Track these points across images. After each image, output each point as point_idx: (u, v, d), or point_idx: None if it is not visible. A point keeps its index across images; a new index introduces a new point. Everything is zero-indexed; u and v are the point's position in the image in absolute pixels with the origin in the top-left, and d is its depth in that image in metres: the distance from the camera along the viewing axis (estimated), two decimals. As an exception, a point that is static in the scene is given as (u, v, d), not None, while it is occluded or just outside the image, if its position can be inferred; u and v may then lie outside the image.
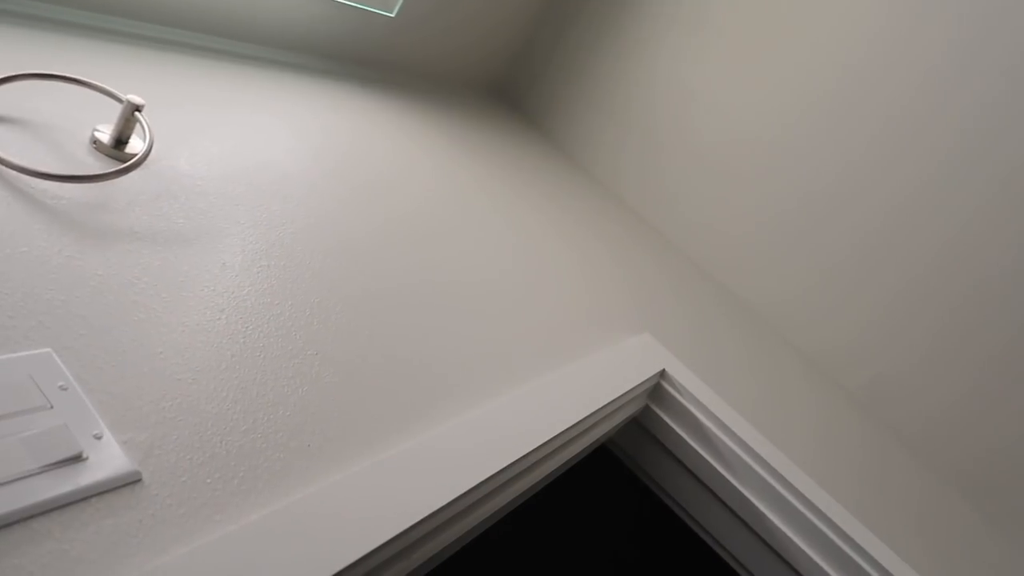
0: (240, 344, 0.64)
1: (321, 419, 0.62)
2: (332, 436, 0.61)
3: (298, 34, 1.28)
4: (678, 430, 1.12)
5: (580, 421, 0.90)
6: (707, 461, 1.10)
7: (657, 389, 1.14)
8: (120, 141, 0.76)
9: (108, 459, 0.46)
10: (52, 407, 0.47)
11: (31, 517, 0.41)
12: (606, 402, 0.96)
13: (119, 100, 0.77)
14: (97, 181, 0.68)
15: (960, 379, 1.49)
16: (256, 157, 0.93)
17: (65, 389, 0.48)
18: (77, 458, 0.45)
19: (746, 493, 1.08)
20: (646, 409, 1.14)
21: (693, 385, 1.14)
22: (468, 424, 0.75)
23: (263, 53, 1.21)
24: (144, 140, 0.76)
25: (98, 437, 0.47)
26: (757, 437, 1.11)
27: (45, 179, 0.64)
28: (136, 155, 0.74)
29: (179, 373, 0.56)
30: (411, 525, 0.58)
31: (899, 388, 1.55)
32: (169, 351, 0.58)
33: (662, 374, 1.14)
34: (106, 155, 0.75)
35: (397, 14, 1.44)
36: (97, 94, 0.82)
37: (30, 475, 0.43)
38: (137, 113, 0.75)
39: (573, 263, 1.28)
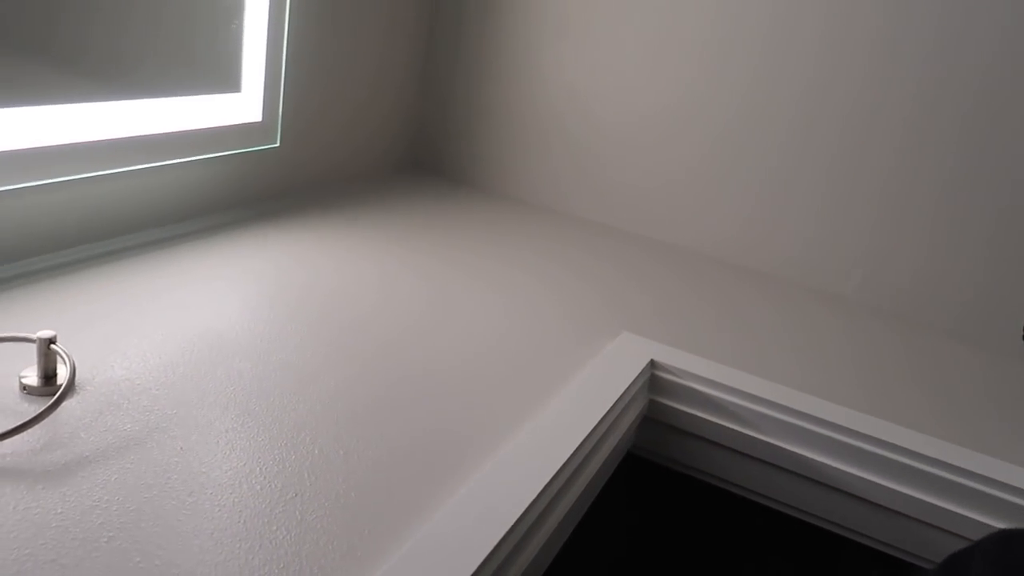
0: (220, 519, 0.64)
1: (318, 556, 0.62)
2: (334, 565, 0.61)
3: (192, 201, 1.31)
4: (688, 410, 1.12)
5: (587, 437, 0.90)
6: (726, 427, 1.09)
7: (654, 380, 1.14)
8: (48, 377, 0.78)
9: None
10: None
11: None
12: (603, 414, 0.96)
13: (31, 340, 0.79)
14: (32, 426, 0.69)
15: (917, 245, 1.49)
16: (188, 333, 0.95)
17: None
18: None
19: (779, 443, 1.08)
20: (651, 403, 1.14)
21: (685, 362, 1.14)
22: (480, 485, 0.75)
23: (163, 234, 1.24)
24: (67, 367, 0.78)
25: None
26: (766, 385, 1.11)
27: (-18, 445, 0.66)
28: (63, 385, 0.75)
29: (170, 570, 0.57)
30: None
31: (879, 272, 1.55)
32: (149, 560, 0.58)
33: (652, 364, 1.14)
34: (40, 396, 0.76)
35: (281, 141, 1.48)
36: (9, 344, 0.84)
37: None
38: (53, 345, 0.77)
39: (536, 295, 1.29)
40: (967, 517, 0.99)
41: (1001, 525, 0.99)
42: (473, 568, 0.64)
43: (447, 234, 1.51)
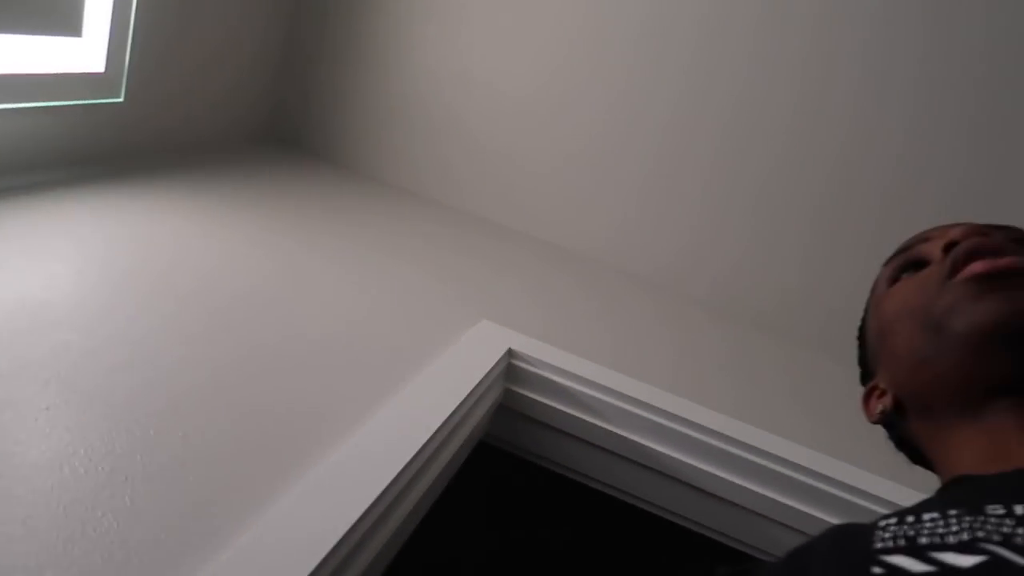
0: (35, 505, 0.58)
1: (148, 545, 0.57)
2: (165, 556, 0.57)
3: (19, 155, 1.18)
4: (544, 400, 1.13)
5: (439, 429, 0.88)
6: (581, 419, 1.11)
7: (510, 369, 1.14)
8: None
9: None
10: None
11: None
12: (459, 401, 0.95)
13: None
14: None
15: (789, 255, 1.59)
16: (6, 300, 0.85)
17: None
18: None
19: (629, 435, 1.11)
20: (507, 392, 1.14)
21: (542, 352, 1.15)
22: (328, 470, 0.71)
23: (-14, 185, 1.11)
24: None
25: None
26: (621, 379, 1.14)
27: None
28: None
29: (-39, 566, 0.50)
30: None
31: (738, 281, 1.64)
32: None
33: (510, 353, 1.14)
34: None
35: (126, 97, 1.36)
36: None
37: None
38: None
39: (393, 279, 1.26)
40: (799, 510, 1.06)
41: (819, 514, 1.06)
42: (319, 559, 0.61)
43: (304, 212, 1.45)
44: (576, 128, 1.66)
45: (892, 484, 1.07)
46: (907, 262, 0.59)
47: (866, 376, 0.66)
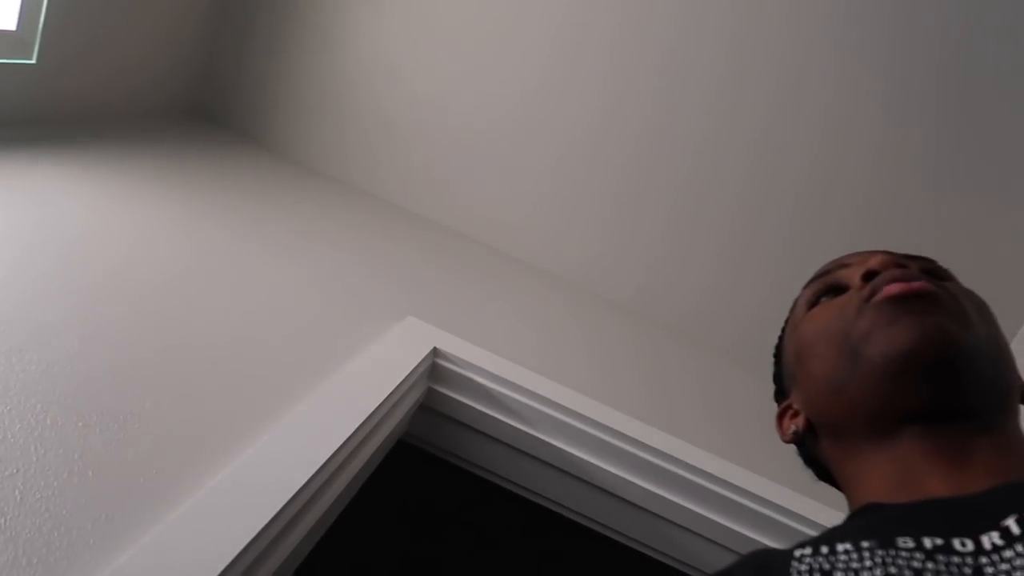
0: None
1: (38, 543, 0.53)
2: (58, 555, 0.52)
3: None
4: (466, 401, 1.11)
5: (358, 428, 0.85)
6: (502, 421, 1.10)
7: (434, 368, 1.12)
8: None
9: None
10: None
11: None
12: (381, 400, 0.92)
13: None
14: None
15: (703, 263, 1.61)
16: None
17: None
18: None
19: (548, 439, 1.10)
20: (430, 391, 1.12)
21: (468, 353, 1.13)
22: (240, 469, 0.68)
23: None
24: None
25: None
26: (543, 383, 1.13)
27: None
28: None
29: None
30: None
31: (658, 287, 1.65)
32: None
33: (435, 352, 1.12)
34: None
35: (39, 59, 1.28)
36: None
37: None
38: None
39: (318, 271, 1.22)
40: (710, 519, 1.07)
41: (729, 524, 1.07)
42: (229, 559, 0.57)
43: (226, 194, 1.39)
44: (508, 125, 1.65)
45: (802, 498, 1.09)
46: (827, 287, 0.60)
47: (780, 393, 0.67)
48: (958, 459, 0.47)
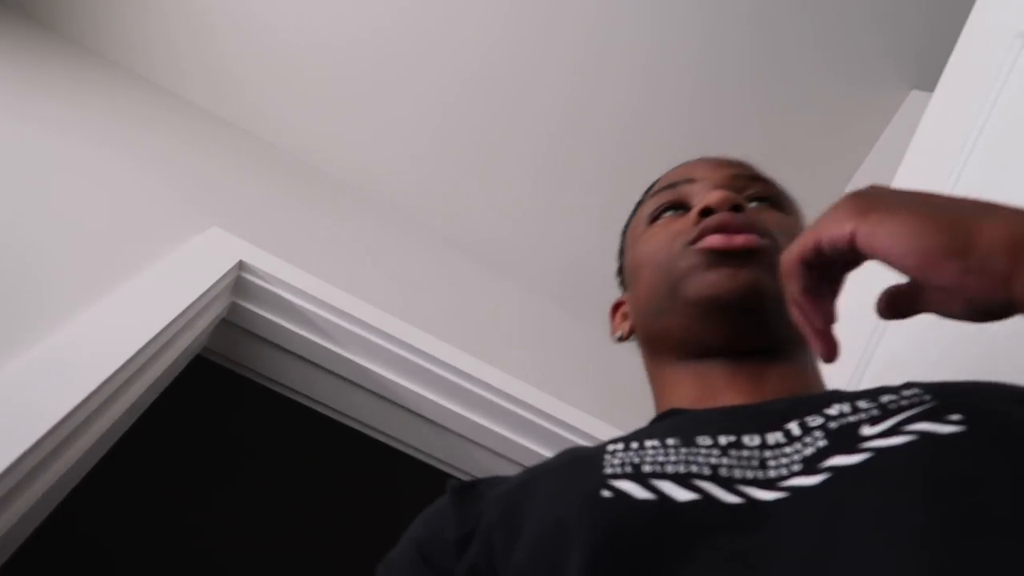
0: None
1: None
2: None
3: None
4: (271, 317, 1.08)
5: (148, 343, 0.81)
6: (309, 339, 1.08)
7: (239, 282, 1.08)
8: None
9: None
10: None
11: None
12: (177, 313, 0.88)
13: None
14: None
15: (518, 193, 1.63)
16: None
17: None
18: None
19: (354, 358, 1.10)
20: (233, 306, 1.08)
21: (277, 268, 1.10)
22: (20, 372, 0.63)
23: None
24: None
25: None
26: (348, 299, 1.12)
27: None
28: None
29: None
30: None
31: (473, 215, 1.66)
32: None
33: (240, 266, 1.07)
34: None
35: None
36: None
37: None
38: None
39: (113, 173, 1.12)
40: (510, 439, 1.12)
41: (527, 443, 1.14)
42: (9, 461, 0.53)
43: (19, 88, 1.23)
44: (342, 36, 1.56)
45: (594, 420, 1.17)
46: (670, 202, 0.62)
47: (619, 276, 0.70)
48: (754, 380, 0.53)
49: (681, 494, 0.40)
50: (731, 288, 0.53)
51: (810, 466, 0.40)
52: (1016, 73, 0.73)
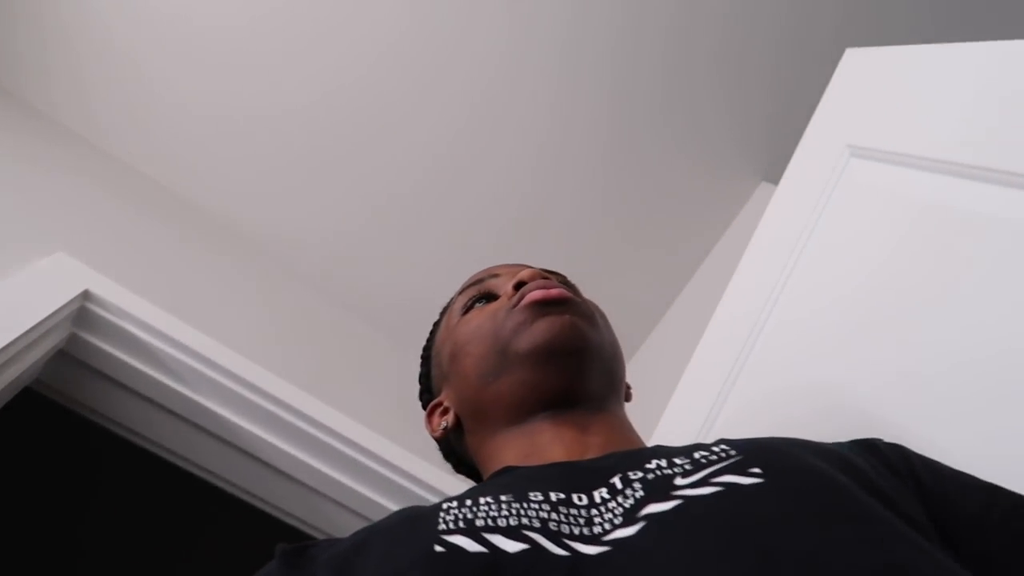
0: None
1: None
2: None
3: None
4: (114, 352, 1.02)
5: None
6: (153, 377, 1.03)
7: (82, 313, 1.01)
8: None
9: None
10: None
11: None
12: (6, 342, 0.82)
13: None
14: None
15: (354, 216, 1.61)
16: None
17: None
18: None
19: (202, 400, 1.05)
20: (73, 337, 1.01)
21: (125, 301, 1.04)
22: None
23: None
24: None
25: None
26: (205, 340, 1.08)
27: None
28: None
29: None
30: None
31: (344, 264, 1.63)
32: None
33: (85, 295, 1.01)
34: None
35: None
36: None
37: None
38: None
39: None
40: (355, 490, 1.10)
41: (372, 496, 1.12)
42: None
43: None
44: (200, 48, 1.50)
45: (443, 474, 1.17)
46: (480, 294, 0.67)
47: (427, 393, 0.73)
48: (579, 434, 0.57)
49: (511, 546, 0.42)
50: (558, 331, 0.57)
51: (629, 517, 0.44)
52: (844, 181, 0.81)
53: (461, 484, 1.11)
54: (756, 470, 0.45)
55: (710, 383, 0.83)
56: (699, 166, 1.57)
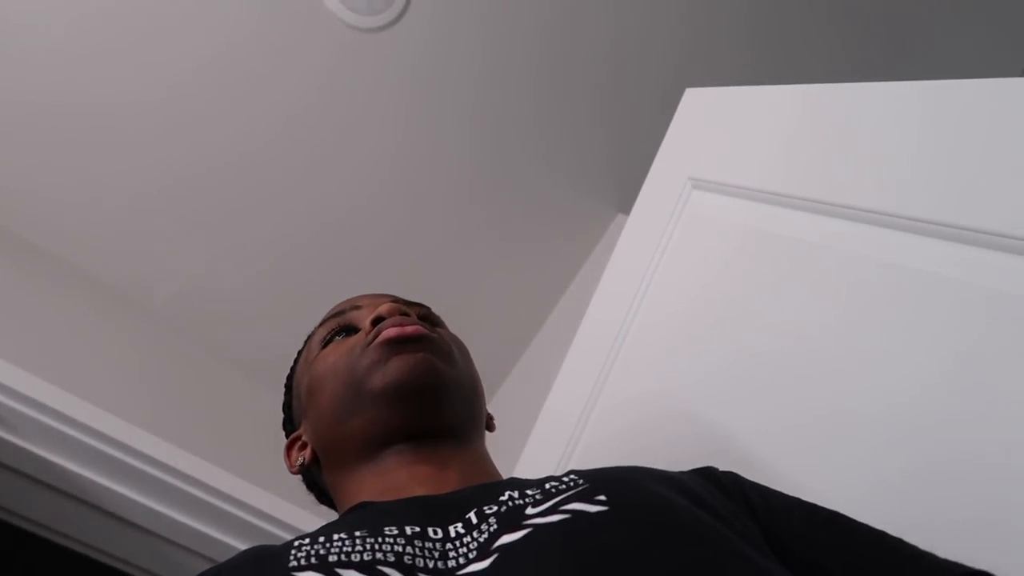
0: None
1: None
2: None
3: None
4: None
5: None
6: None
7: None
8: None
9: None
10: None
11: None
12: None
13: None
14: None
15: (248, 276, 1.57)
16: None
17: None
18: None
19: (41, 452, 0.98)
20: None
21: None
22: None
23: None
24: None
25: None
26: (42, 387, 1.00)
27: None
28: None
29: None
30: None
31: (198, 298, 1.56)
32: None
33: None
34: None
35: None
36: None
37: None
38: None
39: None
40: (206, 533, 1.05)
41: (223, 538, 1.07)
42: None
43: None
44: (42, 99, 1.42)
45: (302, 512, 1.13)
46: (340, 327, 0.66)
47: (288, 423, 0.72)
48: (437, 468, 0.57)
49: None
50: (411, 370, 0.57)
51: (483, 551, 0.44)
52: (687, 212, 0.85)
53: (320, 519, 1.09)
54: (601, 497, 0.46)
55: (568, 414, 0.85)
56: (559, 200, 1.62)
